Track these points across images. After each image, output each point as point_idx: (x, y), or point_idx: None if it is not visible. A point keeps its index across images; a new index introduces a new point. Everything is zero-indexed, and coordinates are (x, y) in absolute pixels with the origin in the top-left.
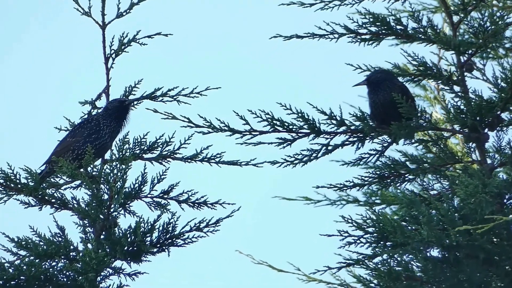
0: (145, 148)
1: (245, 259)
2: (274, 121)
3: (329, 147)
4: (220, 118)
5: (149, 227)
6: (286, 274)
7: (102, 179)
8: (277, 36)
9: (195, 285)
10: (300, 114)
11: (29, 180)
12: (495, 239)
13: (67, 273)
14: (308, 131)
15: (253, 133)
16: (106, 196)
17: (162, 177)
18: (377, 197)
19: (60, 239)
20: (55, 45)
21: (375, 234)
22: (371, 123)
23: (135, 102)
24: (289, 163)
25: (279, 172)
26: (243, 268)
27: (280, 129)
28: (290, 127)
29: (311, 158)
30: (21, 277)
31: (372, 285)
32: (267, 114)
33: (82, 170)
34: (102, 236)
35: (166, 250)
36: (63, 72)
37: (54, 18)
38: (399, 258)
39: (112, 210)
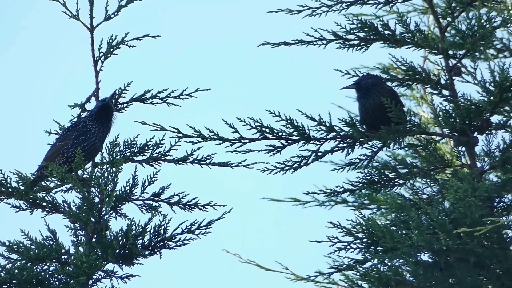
0: (136, 150)
1: (232, 258)
2: (264, 129)
3: (319, 153)
4: (209, 127)
5: (141, 229)
6: (274, 273)
7: (93, 182)
8: (265, 44)
9: (186, 286)
10: (289, 121)
11: (20, 184)
12: (485, 243)
13: (59, 276)
14: (298, 137)
15: (242, 141)
16: (97, 199)
17: (153, 179)
18: (365, 198)
19: (51, 242)
20: (44, 48)
21: (365, 240)
22: (360, 129)
23: (126, 104)
24: (279, 170)
25: (267, 175)
26: (230, 268)
27: (270, 136)
28: (280, 134)
29: (301, 164)
30: (13, 281)
31: (361, 282)
32: (256, 121)
33: (72, 173)
34: (93, 239)
35: (157, 252)
36: (52, 75)
37: (42, 22)
38: (389, 263)
39: (103, 213)
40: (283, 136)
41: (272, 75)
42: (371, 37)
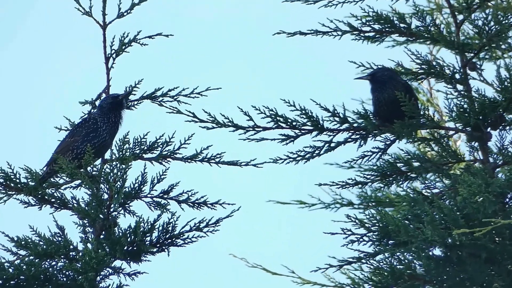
0: (145, 148)
1: (239, 262)
2: (278, 118)
3: (332, 144)
4: (224, 114)
5: (149, 227)
6: (281, 276)
7: (102, 178)
8: (281, 33)
9: (194, 285)
10: (303, 111)
11: (29, 180)
12: (497, 239)
13: (67, 272)
14: (311, 128)
15: (256, 129)
16: (106, 196)
17: (162, 177)
18: (371, 200)
19: (59, 238)
20: (56, 44)
21: (378, 233)
22: (374, 121)
23: (136, 102)
24: (291, 159)
25: (277, 174)
26: (237, 271)
27: (284, 125)
28: (294, 123)
29: (314, 155)
30: (21, 277)
31: (367, 286)
32: (271, 110)
33: (82, 170)
34: (101, 236)
35: (165, 250)
36: (64, 71)
37: (55, 18)
38: (401, 257)
39: (112, 209)
40: (296, 126)
41: (287, 64)
42: (387, 29)
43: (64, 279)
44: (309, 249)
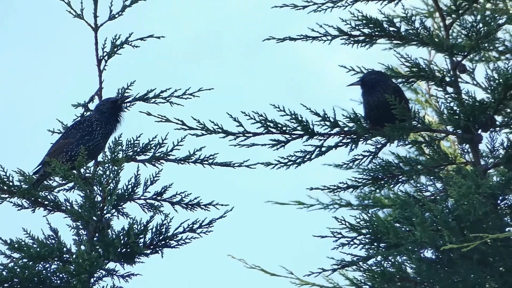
0: (138, 149)
1: (237, 263)
2: (268, 123)
3: (323, 149)
4: (213, 120)
5: (142, 228)
6: (279, 278)
7: (95, 181)
8: (270, 39)
9: (188, 287)
10: (293, 116)
11: (22, 183)
12: (489, 240)
13: (61, 275)
14: (302, 132)
15: (246, 134)
16: (99, 198)
17: (155, 178)
18: (370, 200)
19: (53, 241)
20: (48, 47)
21: (368, 236)
22: (364, 125)
23: (128, 104)
24: (282, 164)
25: (271, 174)
26: (236, 273)
27: (274, 130)
28: (284, 128)
29: (305, 159)
30: (15, 279)
31: (366, 287)
32: (261, 115)
33: (75, 171)
34: (95, 238)
35: (159, 251)
36: (56, 74)
37: (46, 21)
38: (392, 259)
39: (105, 211)
40: (287, 131)
41: (277, 70)
42: (376, 33)
43: (58, 281)
44: (307, 250)
